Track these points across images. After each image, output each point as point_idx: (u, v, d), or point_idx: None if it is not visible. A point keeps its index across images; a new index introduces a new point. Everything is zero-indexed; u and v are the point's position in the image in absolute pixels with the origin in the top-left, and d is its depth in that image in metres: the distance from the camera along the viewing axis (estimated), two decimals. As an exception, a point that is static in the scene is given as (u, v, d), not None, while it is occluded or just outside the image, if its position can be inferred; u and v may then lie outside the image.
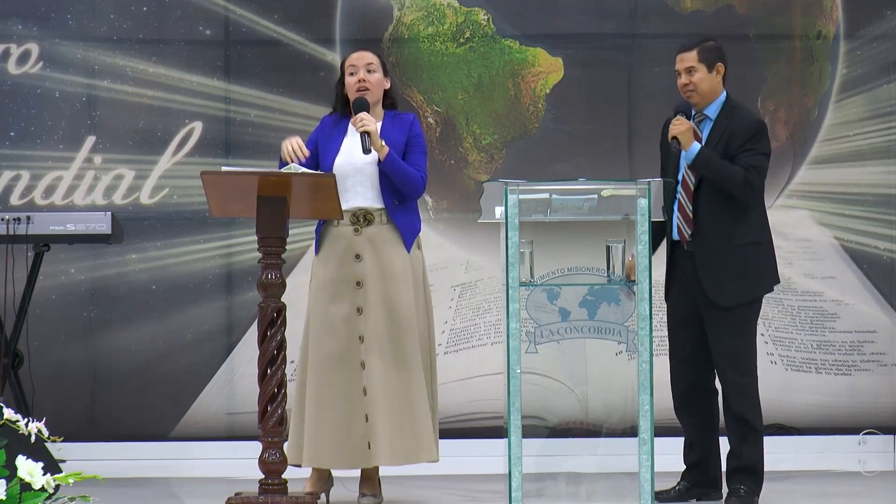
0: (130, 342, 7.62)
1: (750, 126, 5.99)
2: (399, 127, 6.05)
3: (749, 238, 5.96)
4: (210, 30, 7.71)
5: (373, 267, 5.95)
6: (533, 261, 5.55)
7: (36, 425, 4.20)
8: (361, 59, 6.05)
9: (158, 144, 7.68)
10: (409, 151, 6.03)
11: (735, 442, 5.97)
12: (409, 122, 6.09)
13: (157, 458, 7.42)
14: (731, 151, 5.93)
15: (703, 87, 5.99)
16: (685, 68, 5.99)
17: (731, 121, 5.98)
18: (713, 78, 6.00)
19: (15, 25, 7.66)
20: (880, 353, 7.76)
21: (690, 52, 6.00)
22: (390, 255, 5.97)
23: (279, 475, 5.66)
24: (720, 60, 6.02)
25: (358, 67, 6.03)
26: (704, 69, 5.99)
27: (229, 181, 5.75)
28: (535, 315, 5.50)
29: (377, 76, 6.05)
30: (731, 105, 6.03)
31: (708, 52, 6.00)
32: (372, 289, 5.94)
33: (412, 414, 5.94)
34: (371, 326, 5.93)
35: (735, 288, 5.92)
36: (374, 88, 6.03)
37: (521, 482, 5.43)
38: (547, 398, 6.00)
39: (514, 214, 5.47)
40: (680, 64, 6.01)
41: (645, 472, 5.48)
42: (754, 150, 5.95)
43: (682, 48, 6.04)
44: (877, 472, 7.41)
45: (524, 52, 7.75)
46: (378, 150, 5.89)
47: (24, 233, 6.90)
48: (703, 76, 5.99)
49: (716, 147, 5.92)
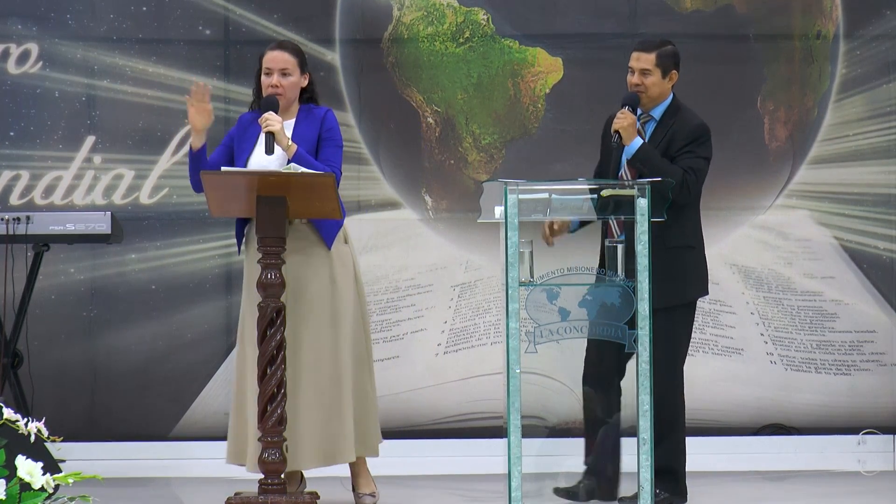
0: (130, 342, 7.62)
1: (693, 129, 5.98)
2: (311, 122, 5.98)
3: (682, 241, 5.94)
4: (210, 30, 7.71)
5: (293, 267, 5.84)
6: (533, 261, 5.55)
7: (36, 425, 4.20)
8: (276, 61, 5.96)
9: (158, 144, 7.68)
10: (321, 146, 5.96)
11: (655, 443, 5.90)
12: (321, 116, 6.01)
13: (157, 458, 7.42)
14: (671, 152, 5.92)
15: (653, 91, 5.98)
16: (640, 69, 5.96)
17: (675, 122, 5.97)
18: (665, 84, 6.00)
19: (15, 25, 7.66)
20: (880, 353, 7.76)
21: (649, 54, 5.98)
22: (311, 253, 5.91)
23: (279, 475, 5.66)
24: (675, 68, 6.01)
25: (273, 70, 5.96)
26: (659, 74, 5.98)
27: (229, 181, 5.75)
28: (534, 315, 5.50)
29: (291, 79, 5.96)
30: (677, 107, 6.02)
31: (665, 58, 5.99)
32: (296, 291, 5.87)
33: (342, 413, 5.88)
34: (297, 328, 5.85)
35: (665, 289, 5.75)
36: (287, 92, 5.95)
37: (521, 482, 5.43)
38: (547, 398, 6.01)
39: (513, 214, 5.46)
40: (635, 62, 5.98)
41: (645, 472, 5.48)
42: (695, 153, 5.94)
43: (641, 47, 6.00)
44: (877, 472, 7.41)
45: (524, 52, 7.75)
46: (285, 149, 5.84)
47: (23, 233, 6.90)
48: (656, 81, 5.98)
49: (657, 147, 5.91)
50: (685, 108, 6.05)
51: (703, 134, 5.98)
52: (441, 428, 7.62)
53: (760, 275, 7.76)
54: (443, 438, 7.56)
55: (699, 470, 7.13)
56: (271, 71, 5.97)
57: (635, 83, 5.96)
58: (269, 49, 6.04)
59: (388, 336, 7.68)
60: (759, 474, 7.27)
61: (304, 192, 5.68)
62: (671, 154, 5.91)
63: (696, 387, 7.62)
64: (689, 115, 6.02)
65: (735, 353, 7.73)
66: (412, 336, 7.69)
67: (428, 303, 7.71)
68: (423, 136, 7.74)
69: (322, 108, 6.07)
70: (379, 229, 7.70)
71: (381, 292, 7.68)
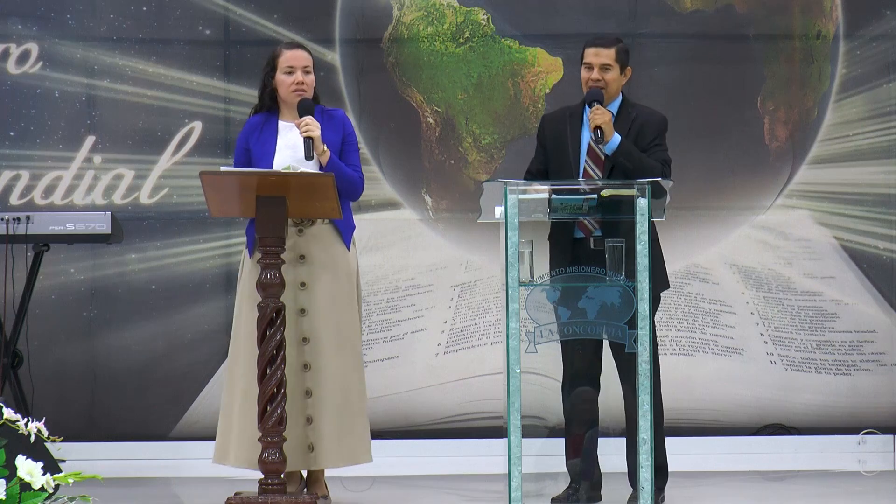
0: (130, 342, 7.62)
1: (660, 122, 6.01)
2: (333, 126, 5.98)
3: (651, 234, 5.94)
4: (210, 30, 7.71)
5: (320, 266, 5.90)
6: (533, 261, 5.55)
7: (36, 425, 4.20)
8: (299, 59, 5.97)
9: (158, 144, 7.68)
10: (344, 151, 5.99)
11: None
12: (341, 119, 6.03)
13: (157, 458, 7.42)
14: (641, 146, 5.92)
15: (613, 86, 5.98)
16: (601, 64, 5.95)
17: (638, 115, 5.97)
18: (621, 80, 6.01)
19: (15, 25, 7.66)
20: (880, 353, 7.76)
21: (609, 49, 5.97)
22: (335, 253, 5.94)
23: (279, 475, 5.66)
24: (629, 65, 6.02)
25: (296, 68, 5.95)
26: (618, 69, 5.98)
27: (228, 181, 5.75)
28: (534, 315, 5.50)
29: (312, 77, 5.99)
30: (630, 103, 6.03)
31: (624, 55, 6.00)
32: (318, 289, 5.89)
33: (355, 415, 5.92)
34: (317, 328, 5.89)
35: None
36: (309, 90, 5.96)
37: (521, 482, 5.42)
38: (547, 398, 6.00)
39: (513, 214, 5.46)
40: (595, 58, 5.96)
41: (645, 472, 5.48)
42: (662, 145, 5.97)
43: (600, 43, 5.99)
44: (877, 472, 7.41)
45: (524, 52, 7.75)
46: (319, 155, 5.85)
47: (23, 233, 6.90)
48: (616, 77, 5.98)
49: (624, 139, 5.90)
50: (637, 103, 6.06)
51: (667, 127, 6.03)
52: (441, 428, 7.62)
53: (760, 275, 7.76)
54: (443, 438, 7.56)
55: (699, 470, 7.14)
56: (294, 69, 5.96)
57: (595, 79, 5.95)
58: (286, 48, 6.03)
59: (388, 336, 7.68)
60: (759, 474, 7.27)
61: (304, 192, 5.68)
62: (642, 147, 5.92)
63: (696, 387, 7.63)
64: (647, 109, 6.05)
65: (735, 353, 7.73)
66: (412, 336, 7.69)
67: (428, 303, 7.71)
68: (423, 136, 7.75)
69: (338, 111, 6.09)
70: (379, 229, 7.70)
71: (381, 292, 7.68)
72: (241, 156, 6.01)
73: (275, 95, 6.01)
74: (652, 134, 5.96)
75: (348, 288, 5.95)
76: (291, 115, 5.96)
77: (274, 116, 6.01)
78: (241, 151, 6.02)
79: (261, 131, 6.00)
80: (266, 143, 5.97)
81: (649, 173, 5.77)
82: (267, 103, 6.03)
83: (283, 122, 6.00)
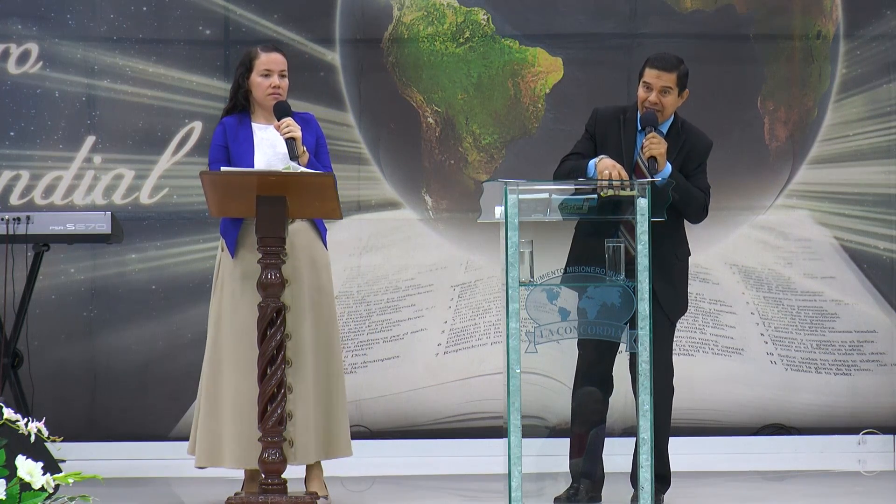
0: (130, 342, 7.62)
1: (706, 148, 6.01)
2: (307, 129, 6.00)
3: (686, 254, 5.97)
4: (210, 30, 7.71)
5: (301, 263, 5.92)
6: (533, 261, 5.55)
7: (36, 425, 4.20)
8: (277, 63, 6.00)
9: (158, 144, 7.68)
10: (319, 153, 6.03)
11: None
12: (311, 121, 6.07)
13: (157, 458, 7.42)
14: (686, 170, 5.92)
15: (669, 110, 5.96)
16: (662, 87, 5.90)
17: (687, 139, 5.96)
18: (678, 102, 5.98)
19: (15, 25, 7.66)
20: (880, 353, 7.76)
21: (671, 73, 5.90)
22: (315, 250, 5.98)
23: (279, 475, 5.66)
24: (686, 87, 5.99)
25: (273, 72, 5.98)
26: (676, 93, 5.95)
27: (228, 181, 5.75)
28: (534, 315, 5.50)
29: (286, 81, 6.03)
30: (681, 123, 6.01)
31: (684, 78, 5.95)
32: (300, 286, 5.91)
33: (335, 410, 5.94)
34: (299, 324, 5.89)
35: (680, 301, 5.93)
36: (284, 94, 6.00)
37: (521, 482, 5.42)
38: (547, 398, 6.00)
39: (513, 214, 5.46)
40: (656, 80, 5.89)
41: (645, 472, 5.48)
42: (704, 171, 5.99)
43: (662, 66, 5.91)
44: (877, 472, 7.41)
45: (524, 52, 7.75)
46: (300, 157, 5.87)
47: (23, 233, 6.90)
48: (674, 101, 5.94)
49: (672, 163, 5.90)
50: (688, 122, 6.04)
51: (710, 151, 6.04)
52: (441, 428, 7.62)
53: (760, 275, 7.76)
54: (443, 438, 7.56)
55: (699, 470, 7.14)
56: (271, 72, 5.98)
57: (653, 101, 5.90)
58: (264, 51, 6.05)
59: (388, 336, 7.68)
60: (759, 474, 7.27)
61: (304, 192, 5.69)
62: (687, 172, 5.92)
63: (696, 387, 7.63)
64: (696, 131, 6.02)
65: (735, 353, 7.73)
66: (412, 336, 7.69)
67: (428, 303, 7.71)
68: (423, 136, 7.75)
69: (308, 115, 6.14)
70: (379, 229, 7.70)
71: (381, 292, 7.68)
72: (220, 153, 6.01)
73: (248, 96, 6.03)
74: (697, 160, 5.97)
75: (328, 286, 6.00)
76: (265, 116, 6.01)
77: (247, 117, 6.04)
78: (219, 149, 6.03)
79: (237, 131, 6.02)
80: (243, 143, 6.00)
81: (694, 203, 5.84)
82: (241, 103, 6.05)
83: (256, 124, 6.03)
